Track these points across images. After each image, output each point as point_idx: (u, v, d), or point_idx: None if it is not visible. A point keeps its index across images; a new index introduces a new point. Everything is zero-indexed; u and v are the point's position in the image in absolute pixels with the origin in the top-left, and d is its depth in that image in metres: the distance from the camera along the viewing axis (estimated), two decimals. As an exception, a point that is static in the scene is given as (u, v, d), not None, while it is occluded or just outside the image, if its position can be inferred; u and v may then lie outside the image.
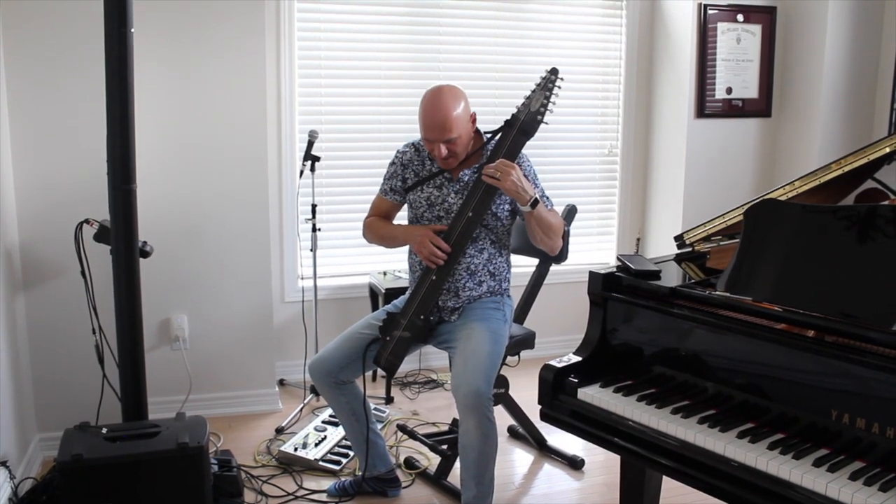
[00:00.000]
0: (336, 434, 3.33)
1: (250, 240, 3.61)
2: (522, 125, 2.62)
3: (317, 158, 3.64)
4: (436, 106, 2.61)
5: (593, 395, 2.09)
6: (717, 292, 2.01)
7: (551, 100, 2.61)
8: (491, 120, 4.00)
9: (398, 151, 2.86)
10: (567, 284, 4.27)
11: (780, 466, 1.68)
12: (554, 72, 2.62)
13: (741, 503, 1.75)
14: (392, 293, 3.67)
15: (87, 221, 2.98)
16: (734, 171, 4.40)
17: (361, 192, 4.06)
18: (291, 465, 3.17)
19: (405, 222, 2.92)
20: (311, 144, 3.62)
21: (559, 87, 2.63)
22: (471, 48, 4.24)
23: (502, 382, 3.08)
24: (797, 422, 1.80)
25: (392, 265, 4.10)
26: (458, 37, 4.21)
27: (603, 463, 3.22)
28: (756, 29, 4.29)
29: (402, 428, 3.45)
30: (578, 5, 4.40)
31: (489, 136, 2.73)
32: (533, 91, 2.63)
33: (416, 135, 2.74)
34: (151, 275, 3.15)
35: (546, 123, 2.64)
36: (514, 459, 3.33)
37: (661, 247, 4.42)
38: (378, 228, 2.88)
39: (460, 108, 2.62)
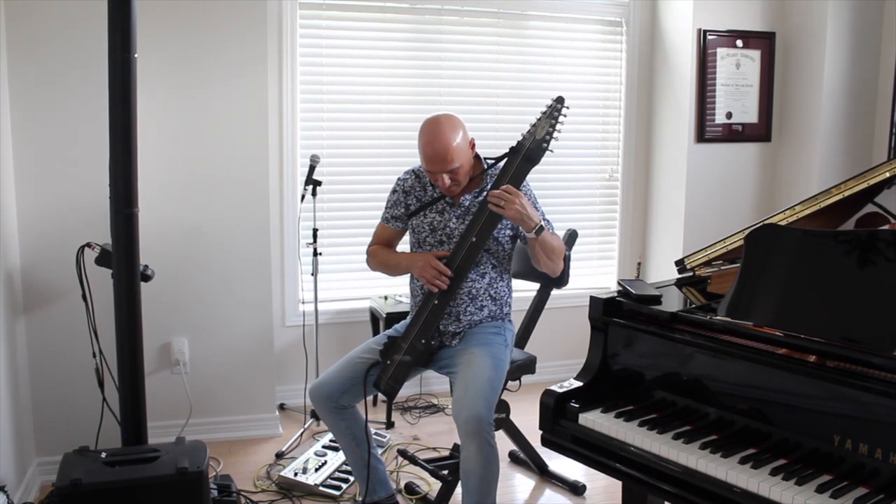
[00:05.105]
0: (336, 459, 3.31)
1: (251, 264, 3.61)
2: (528, 153, 2.61)
3: (318, 183, 3.65)
4: (435, 138, 2.61)
5: (594, 420, 2.09)
6: (718, 317, 2.01)
7: (557, 128, 2.60)
8: (492, 144, 4.04)
9: (399, 179, 2.87)
10: (568, 309, 4.26)
11: (784, 493, 1.67)
12: (560, 100, 2.61)
13: (744, 530, 1.73)
14: (393, 318, 3.67)
15: (88, 245, 2.99)
16: (735, 195, 4.41)
17: (363, 217, 4.08)
18: (291, 491, 3.15)
19: (407, 249, 2.92)
20: (312, 169, 3.64)
21: (564, 116, 2.61)
22: (472, 73, 4.27)
23: (503, 407, 3.06)
24: (799, 447, 1.79)
25: (393, 290, 4.10)
26: (459, 62, 4.25)
27: (604, 489, 3.19)
28: (755, 54, 4.32)
29: (402, 453, 3.43)
30: (579, 31, 4.44)
31: (490, 161, 2.74)
32: (539, 119, 2.62)
33: (416, 160, 2.75)
34: (152, 298, 3.15)
35: (551, 152, 2.63)
36: (515, 485, 3.31)
37: (662, 271, 4.42)
38: (381, 256, 2.88)
39: (459, 138, 2.63)
